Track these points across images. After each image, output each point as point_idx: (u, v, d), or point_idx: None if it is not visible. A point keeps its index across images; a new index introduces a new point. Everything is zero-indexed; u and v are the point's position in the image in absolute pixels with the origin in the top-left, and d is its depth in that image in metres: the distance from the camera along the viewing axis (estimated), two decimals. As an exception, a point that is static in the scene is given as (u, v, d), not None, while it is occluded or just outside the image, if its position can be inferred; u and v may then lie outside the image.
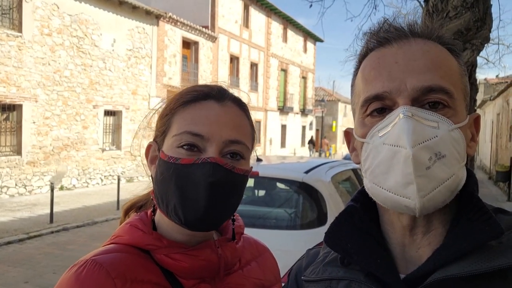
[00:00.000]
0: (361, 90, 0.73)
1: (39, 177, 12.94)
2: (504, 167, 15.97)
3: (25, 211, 10.37)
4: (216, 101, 0.88)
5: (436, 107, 0.66)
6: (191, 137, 0.83)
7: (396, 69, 0.68)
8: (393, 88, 0.67)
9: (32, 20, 12.43)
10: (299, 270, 0.86)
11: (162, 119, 0.90)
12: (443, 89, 0.66)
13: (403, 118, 0.64)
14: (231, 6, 23.13)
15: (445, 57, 0.70)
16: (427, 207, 0.64)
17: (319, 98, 37.85)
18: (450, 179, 0.64)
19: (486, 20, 3.36)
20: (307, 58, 33.97)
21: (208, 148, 0.83)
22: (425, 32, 0.71)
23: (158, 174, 0.86)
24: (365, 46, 0.75)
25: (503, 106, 18.91)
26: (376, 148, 0.67)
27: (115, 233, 0.90)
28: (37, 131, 12.75)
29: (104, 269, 0.78)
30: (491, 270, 0.60)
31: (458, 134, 0.66)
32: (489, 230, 0.65)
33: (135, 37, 16.30)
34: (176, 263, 0.84)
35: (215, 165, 0.81)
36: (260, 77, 26.90)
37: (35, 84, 12.61)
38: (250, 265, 0.98)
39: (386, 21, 0.73)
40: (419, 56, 0.68)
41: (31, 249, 7.44)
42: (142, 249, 0.86)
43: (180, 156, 0.83)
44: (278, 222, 3.67)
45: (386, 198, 0.66)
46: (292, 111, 31.33)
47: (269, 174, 3.81)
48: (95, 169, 14.94)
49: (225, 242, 0.92)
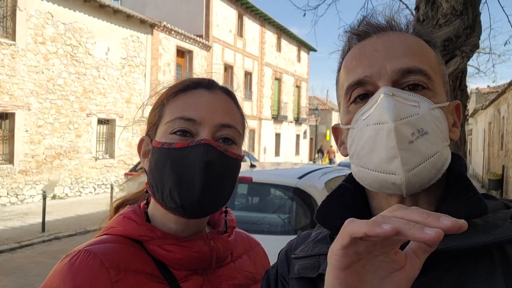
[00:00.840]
0: (344, 80, 0.75)
1: (31, 186, 12.82)
2: (496, 175, 16.09)
3: (17, 220, 10.26)
4: (206, 89, 0.90)
5: (416, 89, 0.68)
6: (184, 122, 0.85)
7: (376, 56, 0.70)
8: (374, 73, 0.69)
9: (26, 29, 12.42)
10: (289, 249, 0.87)
11: (154, 111, 0.92)
12: (421, 71, 0.68)
13: (384, 97, 0.65)
14: (225, 15, 23.27)
15: (422, 45, 0.73)
16: (413, 184, 0.64)
17: (313, 107, 37.99)
18: (435, 156, 0.65)
19: (475, 28, 3.41)
20: (300, 67, 34.15)
21: (200, 132, 0.85)
22: (401, 26, 0.75)
23: (152, 163, 0.87)
24: (346, 42, 0.78)
25: (494, 115, 19.10)
26: (360, 131, 0.69)
27: (108, 225, 0.91)
28: (29, 139, 12.67)
29: (98, 259, 0.78)
30: (475, 245, 0.61)
31: (439, 113, 0.67)
32: (473, 206, 0.66)
33: (129, 46, 16.33)
34: (169, 254, 0.85)
35: (208, 146, 0.82)
36: (254, 86, 26.98)
37: (28, 93, 12.56)
38: (242, 258, 1.00)
39: (364, 18, 0.76)
40: (397, 44, 0.71)
41: (22, 258, 7.36)
42: (135, 240, 0.86)
43: (174, 141, 0.84)
44: (272, 227, 3.66)
45: (373, 179, 0.67)
46: (286, 119, 31.41)
47: (263, 180, 3.82)
48: (88, 178, 14.84)
49: (218, 234, 0.93)
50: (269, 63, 28.78)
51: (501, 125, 16.99)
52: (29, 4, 12.47)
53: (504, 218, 0.65)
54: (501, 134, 16.70)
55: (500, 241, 0.61)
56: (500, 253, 0.62)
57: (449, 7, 3.35)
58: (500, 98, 17.36)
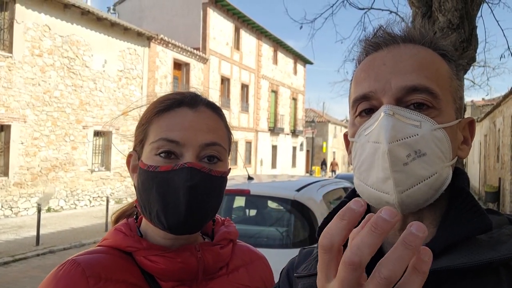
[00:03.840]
0: (352, 92, 0.75)
1: (25, 199, 12.70)
2: (493, 187, 16.12)
3: (11, 233, 10.14)
4: (190, 107, 0.91)
5: (421, 108, 0.67)
6: (167, 143, 0.86)
7: (384, 70, 0.69)
8: (379, 88, 0.69)
9: (23, 41, 12.44)
10: (291, 267, 0.86)
11: (139, 128, 0.94)
12: (427, 89, 0.67)
13: (384, 116, 0.65)
14: (222, 28, 23.43)
15: (434, 60, 0.71)
16: (407, 204, 0.64)
17: (309, 119, 38.12)
18: (432, 177, 0.64)
19: (472, 41, 3.44)
20: (297, 80, 34.34)
21: (185, 154, 0.86)
22: (416, 38, 0.73)
23: (140, 183, 0.89)
24: (360, 52, 0.77)
25: (490, 128, 19.21)
26: (362, 146, 0.69)
27: (104, 236, 0.95)
28: (25, 151, 12.60)
29: (80, 268, 0.83)
30: (481, 263, 0.60)
31: (441, 134, 0.66)
32: (477, 222, 0.65)
33: (126, 58, 16.37)
34: (154, 265, 0.87)
35: (192, 170, 0.84)
36: (250, 98, 27.06)
37: (24, 105, 12.52)
38: (238, 271, 0.99)
39: (380, 28, 0.75)
40: (406, 58, 0.69)
41: (16, 272, 7.25)
42: (127, 251, 0.89)
43: (159, 164, 0.86)
44: (269, 241, 3.63)
45: (370, 195, 0.67)
46: (282, 132, 31.46)
47: (260, 192, 3.79)
48: (84, 191, 14.74)
49: (208, 246, 0.94)
50: (266, 76, 28.92)
51: (497, 138, 17.07)
52: (27, 17, 12.51)
53: (509, 234, 0.64)
54: (497, 146, 16.77)
55: (506, 258, 0.60)
56: (506, 270, 0.61)
57: (445, 20, 3.38)
58: (495, 111, 17.48)
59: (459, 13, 3.31)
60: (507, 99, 14.22)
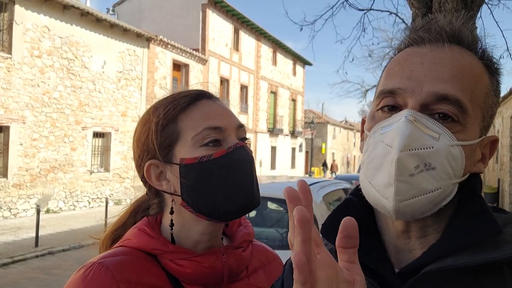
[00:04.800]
0: (381, 82, 0.72)
1: (24, 200, 12.68)
2: (492, 188, 16.13)
3: (10, 234, 10.12)
4: (209, 99, 0.95)
5: (445, 119, 0.64)
6: (212, 131, 0.88)
7: (419, 70, 0.66)
8: (408, 87, 0.65)
9: (22, 42, 12.43)
10: None
11: (162, 131, 0.90)
12: (458, 101, 0.63)
13: (404, 121, 0.62)
14: (222, 29, 23.44)
15: (475, 70, 0.67)
16: (404, 213, 0.63)
17: (308, 120, 38.13)
18: (434, 192, 0.63)
19: (472, 42, 3.44)
20: (296, 81, 34.35)
21: (227, 138, 0.90)
22: (465, 40, 0.68)
23: (191, 179, 0.87)
24: (402, 41, 0.73)
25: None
26: (375, 143, 0.67)
27: (125, 236, 0.93)
28: (24, 153, 12.58)
29: (110, 272, 0.81)
30: (485, 262, 0.59)
31: (457, 151, 0.63)
32: (486, 228, 0.63)
33: (125, 59, 16.37)
34: (180, 269, 0.86)
35: (243, 148, 0.90)
36: (250, 99, 27.07)
37: (23, 106, 12.51)
38: (257, 273, 1.00)
39: (431, 20, 0.71)
40: (446, 63, 0.65)
41: (15, 274, 7.23)
42: (150, 253, 0.88)
43: (210, 152, 0.87)
44: (269, 242, 3.61)
45: (370, 194, 0.67)
46: (282, 133, 31.46)
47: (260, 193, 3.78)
48: (83, 192, 14.72)
49: (232, 249, 0.94)
50: (265, 77, 28.93)
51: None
52: (26, 18, 12.51)
53: None
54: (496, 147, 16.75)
55: (510, 257, 0.60)
56: (510, 269, 0.61)
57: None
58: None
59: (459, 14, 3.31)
60: (506, 100, 14.23)
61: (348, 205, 0.77)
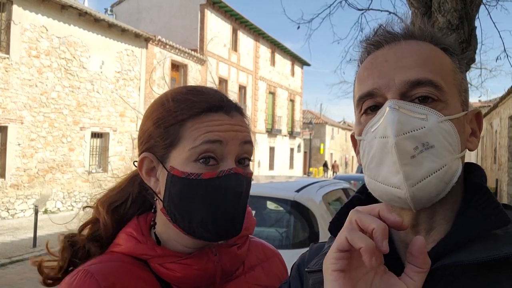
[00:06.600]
0: (356, 91, 0.75)
1: (22, 201, 12.64)
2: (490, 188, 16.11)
3: (7, 235, 10.09)
4: (226, 113, 0.87)
5: (426, 101, 0.67)
6: (211, 145, 0.82)
7: (386, 66, 0.69)
8: (382, 84, 0.68)
9: (20, 42, 12.40)
10: (302, 262, 0.85)
11: (166, 128, 0.85)
12: (431, 82, 0.67)
13: (389, 111, 0.65)
14: (220, 29, 23.43)
15: (436, 54, 0.71)
16: (419, 198, 0.64)
17: (306, 120, 38.16)
18: (441, 169, 0.64)
19: (472, 42, 3.44)
20: (294, 82, 34.36)
21: (226, 156, 0.84)
22: (416, 34, 0.73)
23: (174, 193, 0.83)
24: (361, 53, 0.77)
25: (487, 129, 19.27)
26: (369, 143, 0.69)
27: (115, 241, 0.91)
28: (22, 153, 12.54)
29: (94, 279, 0.79)
30: (497, 258, 0.60)
31: (448, 126, 0.66)
32: (494, 219, 0.64)
33: (123, 60, 16.34)
34: (170, 273, 0.84)
35: (238, 176, 0.83)
36: (248, 100, 27.06)
37: (21, 106, 12.47)
38: (254, 270, 0.97)
39: (380, 26, 0.76)
40: (408, 54, 0.69)
41: (13, 274, 7.21)
42: (140, 258, 0.86)
43: (200, 171, 0.82)
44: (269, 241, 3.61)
45: (382, 192, 0.67)
46: (280, 133, 31.46)
47: (260, 193, 3.78)
48: (81, 192, 14.67)
49: (226, 247, 0.91)
50: (263, 77, 28.94)
51: (493, 139, 17.12)
52: (24, 18, 12.47)
53: None
54: (494, 147, 16.81)
55: None
56: None
57: (445, 21, 3.38)
58: (492, 112, 17.53)
59: (458, 14, 3.31)
60: (504, 100, 14.27)
61: (356, 202, 0.77)
